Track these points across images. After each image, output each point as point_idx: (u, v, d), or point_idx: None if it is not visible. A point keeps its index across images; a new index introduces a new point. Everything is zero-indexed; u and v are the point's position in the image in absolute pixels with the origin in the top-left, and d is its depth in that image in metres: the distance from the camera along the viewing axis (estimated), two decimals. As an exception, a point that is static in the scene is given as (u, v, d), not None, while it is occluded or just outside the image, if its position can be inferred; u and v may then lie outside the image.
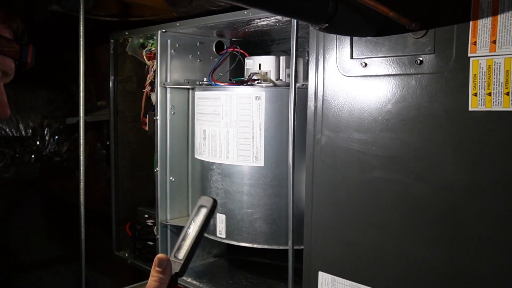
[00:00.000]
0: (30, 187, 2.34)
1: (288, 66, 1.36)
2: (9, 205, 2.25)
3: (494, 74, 0.79)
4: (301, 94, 1.12)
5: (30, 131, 2.07)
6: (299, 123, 1.11)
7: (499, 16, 0.79)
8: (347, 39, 0.99)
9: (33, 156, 2.09)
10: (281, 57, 1.36)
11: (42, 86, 2.14)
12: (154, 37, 1.50)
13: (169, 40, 1.50)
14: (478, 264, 0.82)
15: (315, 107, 1.06)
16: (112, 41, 1.74)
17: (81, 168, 1.44)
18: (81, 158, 1.43)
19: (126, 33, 1.64)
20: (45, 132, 2.13)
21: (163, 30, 1.47)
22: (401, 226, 0.92)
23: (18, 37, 0.68)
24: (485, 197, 0.81)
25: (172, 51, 1.51)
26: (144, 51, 1.55)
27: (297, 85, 1.15)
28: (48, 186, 2.34)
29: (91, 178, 1.96)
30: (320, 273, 1.06)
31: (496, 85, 0.79)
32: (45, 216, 2.39)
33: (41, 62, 0.85)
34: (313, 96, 1.06)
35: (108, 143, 1.87)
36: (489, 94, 0.80)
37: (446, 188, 0.85)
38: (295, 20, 1.11)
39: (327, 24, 0.78)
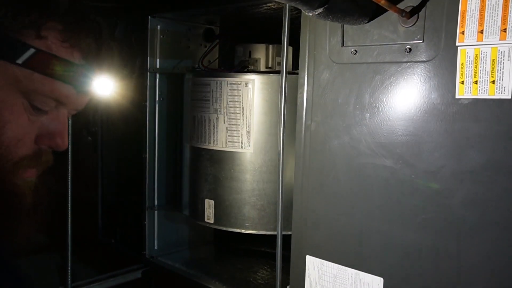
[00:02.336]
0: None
1: (278, 54, 1.38)
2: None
3: (481, 63, 0.82)
4: (291, 82, 1.13)
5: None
6: (288, 110, 1.13)
7: (486, 6, 0.81)
8: (338, 27, 1.01)
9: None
10: (271, 45, 1.38)
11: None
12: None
13: (158, 26, 1.49)
14: (463, 246, 0.85)
15: (306, 93, 1.07)
16: (100, 26, 1.72)
17: (69, 154, 1.43)
18: (69, 144, 1.42)
19: (115, 18, 1.63)
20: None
21: (153, 16, 1.47)
22: (388, 210, 0.95)
23: (90, 60, 0.54)
24: (470, 181, 0.84)
25: (162, 37, 1.50)
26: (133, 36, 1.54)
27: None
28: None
29: (75, 164, 1.94)
30: (307, 257, 1.08)
31: (483, 73, 0.82)
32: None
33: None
34: (304, 83, 1.07)
35: (94, 129, 1.86)
36: (476, 82, 0.83)
37: (433, 173, 0.88)
38: (287, 8, 1.12)
39: (321, 10, 0.79)
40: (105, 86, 0.58)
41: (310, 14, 0.82)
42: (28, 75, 0.49)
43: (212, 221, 1.33)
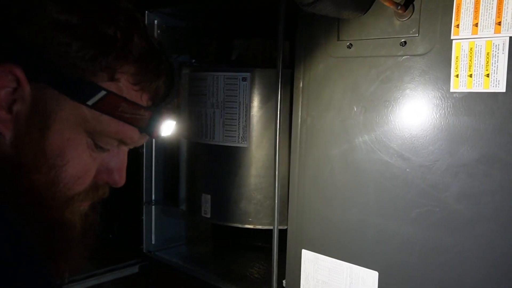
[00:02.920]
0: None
1: (275, 49, 1.37)
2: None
3: (475, 56, 0.82)
4: (287, 76, 1.13)
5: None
6: (284, 104, 1.13)
7: None
8: (334, 21, 1.01)
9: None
10: (268, 40, 1.37)
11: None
12: (141, 17, 1.49)
13: (155, 21, 1.49)
14: (458, 240, 0.86)
15: (301, 88, 1.07)
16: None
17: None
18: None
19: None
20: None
21: (150, 11, 1.46)
22: (383, 204, 0.95)
23: (157, 102, 0.53)
24: (465, 175, 0.84)
25: (159, 31, 1.50)
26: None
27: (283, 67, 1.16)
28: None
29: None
30: (303, 251, 1.08)
31: (477, 67, 0.82)
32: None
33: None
34: (300, 77, 1.07)
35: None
36: (470, 75, 0.83)
37: (428, 167, 0.88)
38: (283, 2, 1.12)
39: (317, 3, 0.79)
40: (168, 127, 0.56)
41: (305, 7, 0.82)
42: (96, 116, 0.49)
43: (208, 216, 1.33)
